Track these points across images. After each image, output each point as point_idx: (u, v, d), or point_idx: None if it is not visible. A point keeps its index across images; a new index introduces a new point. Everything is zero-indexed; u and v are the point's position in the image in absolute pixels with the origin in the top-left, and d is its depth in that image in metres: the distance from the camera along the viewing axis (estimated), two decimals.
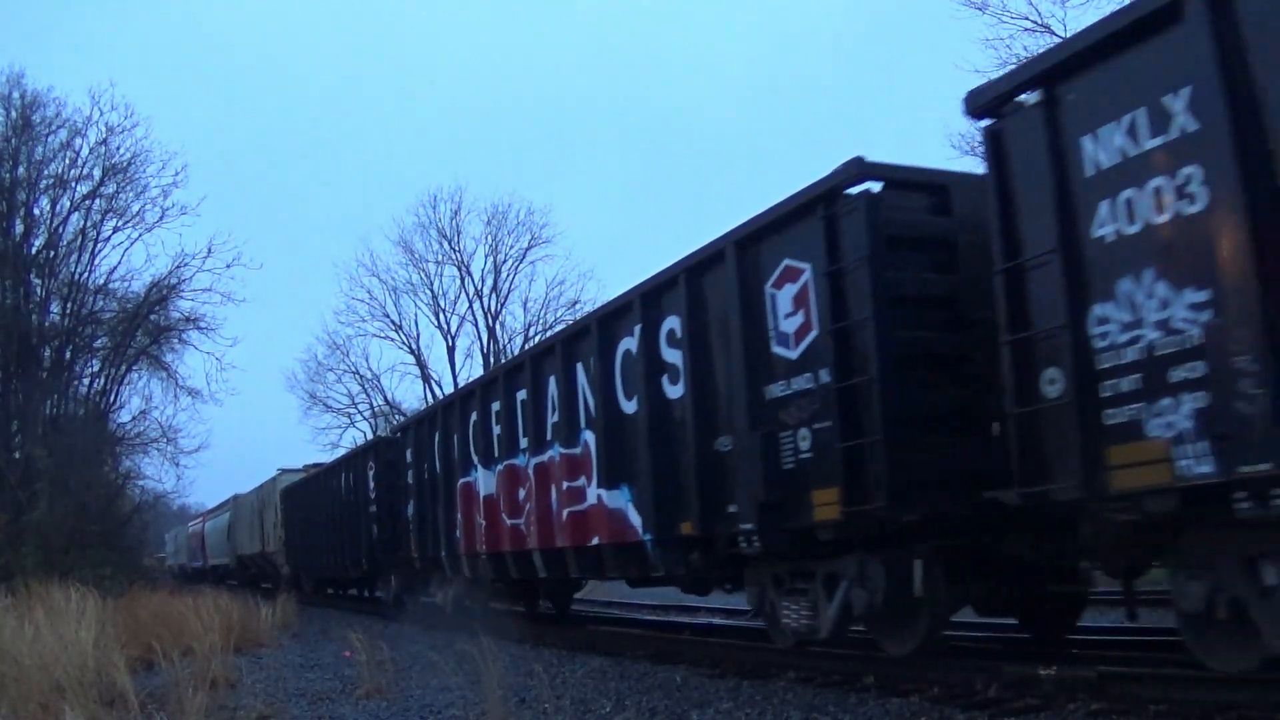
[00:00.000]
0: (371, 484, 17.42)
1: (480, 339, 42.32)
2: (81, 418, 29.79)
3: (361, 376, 43.53)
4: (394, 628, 14.24)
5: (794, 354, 6.59)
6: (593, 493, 9.30)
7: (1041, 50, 5.24)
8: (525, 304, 42.22)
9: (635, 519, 8.55)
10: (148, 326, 31.00)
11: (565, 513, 9.82)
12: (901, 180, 6.15)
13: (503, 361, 18.26)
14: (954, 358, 5.87)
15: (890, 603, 6.26)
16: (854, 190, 6.07)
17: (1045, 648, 6.83)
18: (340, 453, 30.35)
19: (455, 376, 40.81)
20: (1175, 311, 4.34)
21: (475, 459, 12.30)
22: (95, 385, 31.57)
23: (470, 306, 42.64)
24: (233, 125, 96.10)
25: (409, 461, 15.26)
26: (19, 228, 29.26)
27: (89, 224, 29.65)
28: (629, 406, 8.66)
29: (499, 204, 49.29)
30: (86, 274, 29.98)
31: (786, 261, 6.64)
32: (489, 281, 42.47)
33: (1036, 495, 4.94)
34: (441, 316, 42.65)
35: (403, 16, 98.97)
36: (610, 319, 9.08)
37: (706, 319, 7.56)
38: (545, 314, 41.27)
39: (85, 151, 29.21)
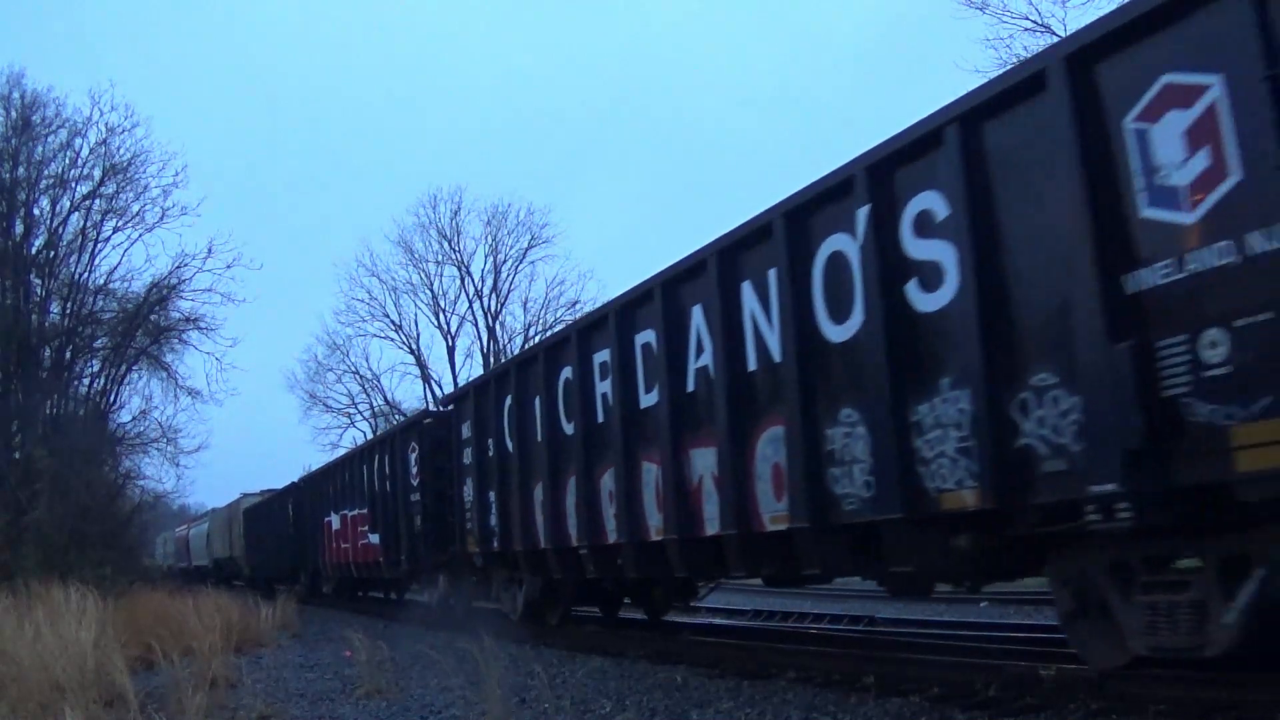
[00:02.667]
0: (290, 513, 25.99)
1: (480, 339, 42.78)
2: (81, 418, 29.72)
3: (361, 377, 44.06)
4: (394, 628, 14.85)
5: (415, 483, 15.16)
6: (369, 534, 17.91)
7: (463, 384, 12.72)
8: (525, 304, 42.79)
9: (380, 550, 17.13)
10: (148, 327, 30.85)
11: (360, 543, 18.46)
12: (443, 417, 14.74)
13: (339, 456, 25.05)
14: (449, 495, 14.30)
15: (467, 595, 14.92)
16: (427, 420, 14.73)
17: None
18: (338, 453, 32.07)
19: (455, 376, 41.27)
20: (488, 498, 12.85)
21: (330, 507, 20.99)
22: (95, 385, 31.33)
23: (470, 306, 42.94)
24: (233, 125, 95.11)
25: (306, 503, 23.98)
26: (19, 228, 28.96)
27: (89, 224, 29.38)
28: (378, 491, 17.27)
29: (499, 204, 49.00)
30: (86, 274, 29.69)
31: (412, 443, 15.23)
32: (489, 281, 42.78)
33: (452, 551, 13.49)
34: (441, 316, 43.00)
35: (404, 17, 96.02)
36: (376, 445, 17.84)
37: (394, 462, 16.11)
38: (545, 314, 41.60)
39: (85, 152, 29.04)
